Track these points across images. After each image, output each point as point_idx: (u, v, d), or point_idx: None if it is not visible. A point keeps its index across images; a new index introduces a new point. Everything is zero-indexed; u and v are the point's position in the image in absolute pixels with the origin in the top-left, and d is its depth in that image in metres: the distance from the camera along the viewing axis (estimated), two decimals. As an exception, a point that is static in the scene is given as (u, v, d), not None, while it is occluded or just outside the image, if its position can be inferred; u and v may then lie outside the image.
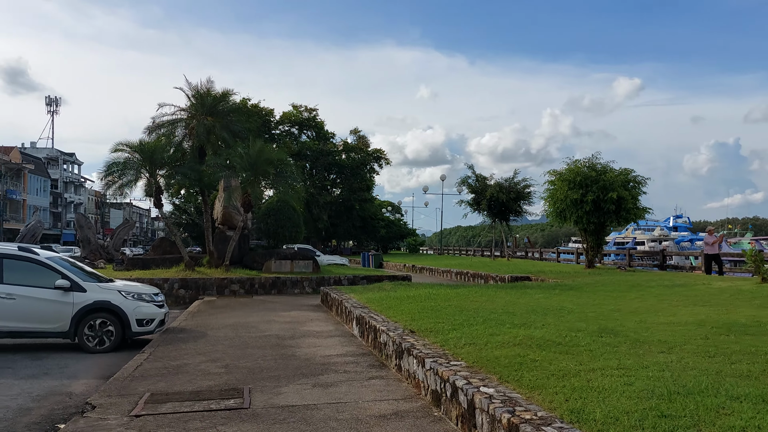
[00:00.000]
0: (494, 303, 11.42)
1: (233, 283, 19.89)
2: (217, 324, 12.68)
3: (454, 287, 15.39)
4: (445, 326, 8.42)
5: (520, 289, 14.73)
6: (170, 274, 20.14)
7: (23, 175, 74.88)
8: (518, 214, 34.84)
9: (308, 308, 15.65)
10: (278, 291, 20.09)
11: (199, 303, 17.35)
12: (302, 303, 17.04)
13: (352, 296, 13.65)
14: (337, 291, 15.40)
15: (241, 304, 17.04)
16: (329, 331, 11.56)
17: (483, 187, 34.31)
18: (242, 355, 9.16)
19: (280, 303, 17.14)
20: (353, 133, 66.83)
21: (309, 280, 20.44)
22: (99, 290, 10.94)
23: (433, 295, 12.80)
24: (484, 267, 28.20)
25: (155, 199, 19.94)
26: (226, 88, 21.31)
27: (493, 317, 9.17)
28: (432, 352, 6.83)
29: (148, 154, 19.24)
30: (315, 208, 58.17)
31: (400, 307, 10.90)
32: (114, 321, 10.81)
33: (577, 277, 20.07)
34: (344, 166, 62.23)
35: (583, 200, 22.33)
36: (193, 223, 26.74)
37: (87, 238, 27.62)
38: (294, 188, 21.54)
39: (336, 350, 9.45)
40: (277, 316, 13.85)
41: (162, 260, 22.50)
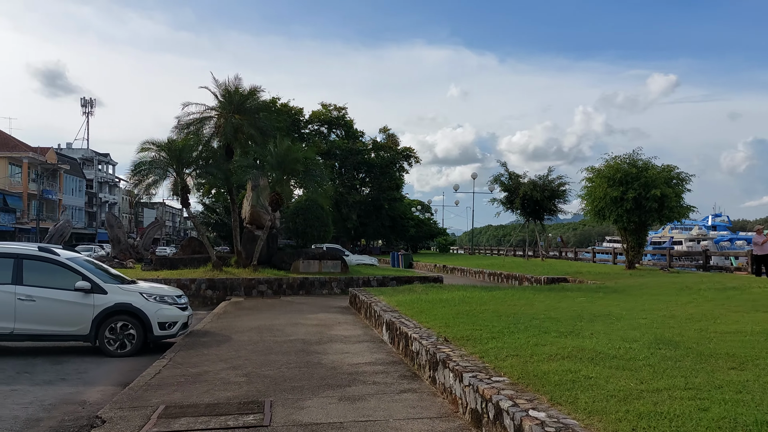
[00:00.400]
0: (534, 307, 10.67)
1: (261, 284, 19.50)
2: (242, 327, 12.22)
3: (488, 289, 14.66)
4: (483, 334, 7.74)
5: (559, 292, 13.92)
6: (197, 275, 19.85)
7: (59, 175, 76.37)
8: (553, 212, 33.79)
9: (336, 310, 15.11)
10: (306, 292, 19.63)
11: (226, 304, 16.98)
12: (330, 305, 16.52)
13: (382, 299, 13.04)
14: (365, 293, 14.82)
15: (268, 305, 16.61)
16: (357, 335, 10.97)
17: (516, 185, 33.36)
18: (265, 361, 8.63)
19: (307, 304, 16.66)
20: (382, 132, 66.26)
21: (337, 281, 19.93)
22: (120, 292, 10.57)
23: (467, 299, 12.10)
24: (517, 267, 27.30)
25: (182, 198, 19.67)
26: (253, 84, 20.99)
27: (535, 324, 8.44)
28: (470, 364, 6.16)
29: (175, 153, 18.97)
30: (344, 208, 57.81)
31: (433, 312, 10.24)
32: (135, 324, 10.43)
33: (619, 278, 19.10)
34: (373, 165, 61.71)
35: (624, 198, 21.31)
36: (221, 222, 26.52)
37: (117, 237, 27.65)
38: (322, 187, 21.06)
39: (364, 357, 8.85)
40: (304, 319, 13.34)
41: (190, 260, 22.27)
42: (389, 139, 65.54)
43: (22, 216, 67.16)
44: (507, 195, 33.79)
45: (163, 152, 19.00)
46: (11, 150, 67.82)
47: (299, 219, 25.64)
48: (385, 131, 66.22)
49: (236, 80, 20.67)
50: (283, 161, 19.28)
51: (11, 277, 10.13)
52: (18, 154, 67.61)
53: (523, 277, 23.24)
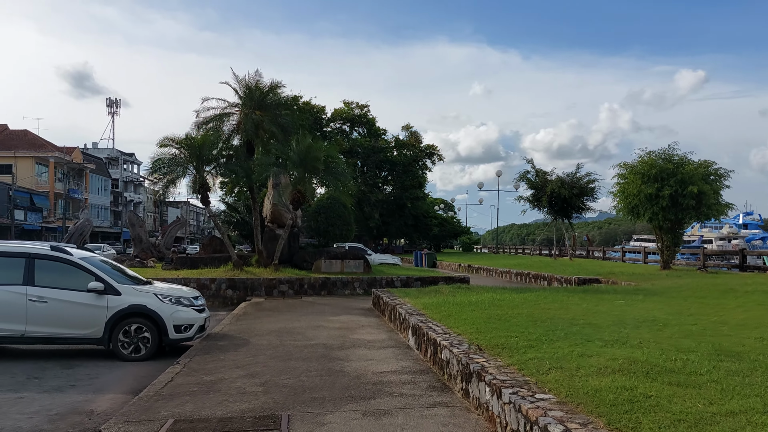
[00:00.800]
0: (570, 311, 9.97)
1: (282, 284, 19.04)
2: (262, 330, 11.73)
3: (518, 291, 13.95)
4: (520, 342, 7.09)
5: (594, 294, 13.16)
6: (218, 274, 19.48)
7: (85, 174, 77.27)
8: (581, 210, 32.78)
9: (359, 312, 14.55)
10: (328, 292, 19.12)
11: (246, 305, 16.55)
12: (353, 306, 15.98)
13: (407, 301, 12.44)
14: (389, 294, 14.23)
15: (288, 306, 16.13)
16: (382, 340, 10.39)
17: (543, 183, 32.43)
18: (285, 368, 8.10)
19: (329, 305, 16.14)
20: (405, 129, 65.53)
21: (360, 281, 19.38)
22: (134, 293, 10.14)
23: (498, 301, 11.43)
24: (545, 267, 26.46)
25: (202, 196, 19.30)
26: (274, 80, 20.51)
27: (575, 330, 7.76)
28: (509, 378, 5.53)
29: (194, 150, 18.59)
30: (366, 206, 57.32)
31: (462, 316, 9.61)
32: (150, 327, 9.99)
33: (654, 279, 18.21)
34: (396, 163, 61.09)
35: (659, 195, 20.38)
36: (243, 221, 26.16)
37: (139, 236, 27.49)
38: (345, 185, 20.51)
39: (390, 365, 8.26)
40: (326, 321, 12.81)
41: (210, 259, 21.93)
42: (412, 136, 64.81)
43: (49, 215, 68.08)
44: (534, 192, 32.87)
45: (182, 149, 18.64)
46: (38, 150, 68.77)
47: (321, 218, 25.17)
48: (407, 129, 65.51)
49: (257, 75, 20.26)
50: (304, 158, 18.79)
51: (22, 278, 9.77)
52: (44, 153, 68.51)
53: (552, 277, 22.43)
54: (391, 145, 62.76)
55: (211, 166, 19.45)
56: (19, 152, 67.10)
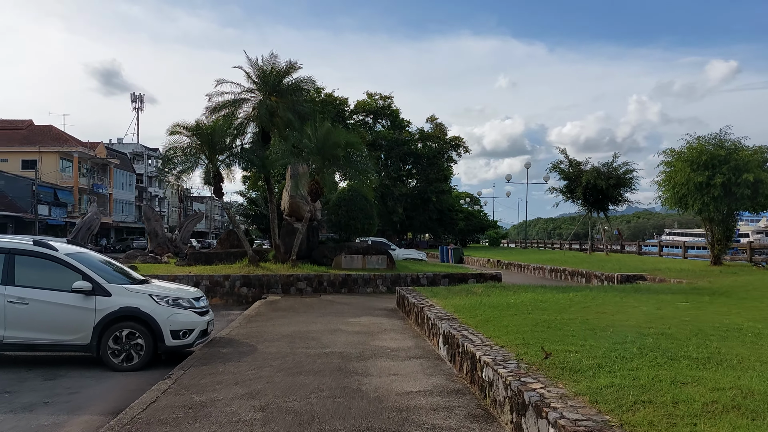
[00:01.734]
0: (630, 316, 8.45)
1: (299, 281, 17.79)
2: (273, 334, 10.45)
3: (560, 291, 12.42)
4: (583, 359, 5.64)
5: (649, 294, 11.58)
6: (232, 271, 18.30)
7: (109, 169, 77.34)
8: (617, 202, 30.91)
9: (382, 313, 13.19)
10: (349, 290, 17.81)
11: (261, 304, 15.33)
12: (375, 305, 14.63)
13: (435, 302, 11.03)
14: (415, 293, 12.83)
15: (306, 305, 14.85)
16: (407, 348, 9.00)
17: (577, 173, 30.65)
18: (292, 386, 6.77)
19: (349, 305, 14.81)
20: (430, 121, 63.88)
21: (383, 278, 18.01)
22: (127, 294, 8.92)
23: (540, 303, 9.95)
24: (582, 263, 24.77)
25: (215, 187, 18.12)
26: (290, 60, 19.12)
27: (649, 344, 6.26)
28: (582, 417, 4.09)
29: (206, 138, 17.40)
30: (390, 200, 55.91)
31: (503, 321, 8.17)
32: (144, 332, 8.77)
33: (709, 276, 16.48)
34: (420, 156, 59.50)
35: (710, 183, 18.58)
36: (261, 214, 24.98)
37: (154, 231, 26.55)
38: (366, 176, 19.06)
39: (418, 383, 6.87)
40: (345, 324, 11.48)
41: (226, 254, 20.80)
42: (437, 128, 63.14)
43: (73, 210, 68.18)
44: (567, 184, 31.11)
45: (194, 137, 17.45)
46: (62, 145, 68.83)
47: (342, 211, 23.85)
48: (432, 120, 63.86)
49: (271, 58, 18.91)
50: (322, 146, 17.46)
51: (0, 276, 8.62)
52: (68, 148, 68.53)
53: (591, 274, 20.77)
54: (416, 137, 61.15)
55: (224, 155, 18.24)
56: (44, 147, 67.27)
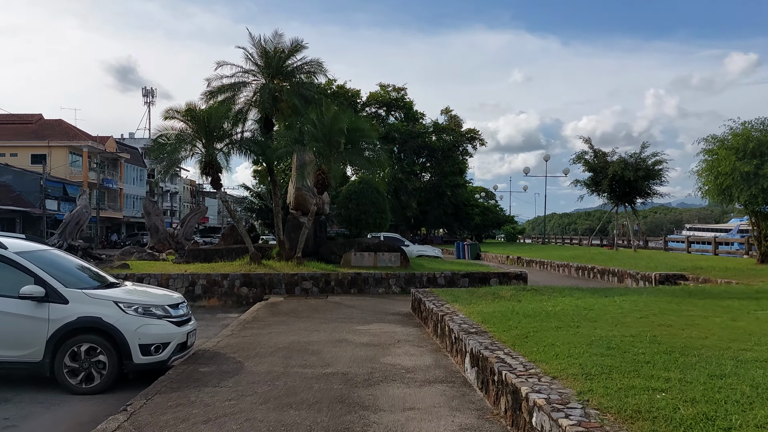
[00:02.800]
0: (703, 330, 6.77)
1: (305, 280, 16.24)
2: (267, 345, 8.90)
3: (603, 294, 10.72)
4: (679, 404, 3.98)
5: (705, 298, 9.85)
6: (232, 269, 16.79)
7: (119, 164, 76.51)
8: (646, 195, 29.01)
9: (395, 319, 11.59)
10: (358, 290, 16.23)
11: (260, 306, 13.81)
12: (387, 309, 13.03)
13: (458, 308, 9.40)
14: (433, 296, 11.21)
15: (310, 308, 13.30)
16: (426, 367, 7.39)
17: (603, 164, 28.77)
18: (276, 425, 5.20)
19: (358, 308, 13.23)
20: (444, 113, 62.03)
21: (396, 277, 16.40)
22: (87, 301, 7.40)
23: (585, 311, 8.29)
24: (610, 260, 22.97)
25: (212, 178, 16.60)
26: (296, 38, 17.43)
27: (763, 380, 4.58)
28: None
29: (202, 124, 15.86)
30: (403, 195, 54.26)
31: (546, 338, 6.53)
32: (107, 347, 7.26)
33: (761, 276, 14.69)
34: (435, 149, 57.72)
35: (758, 173, 16.73)
36: (267, 209, 23.42)
37: (155, 226, 25.17)
38: (376, 165, 17.29)
39: (442, 421, 5.27)
40: (352, 333, 9.90)
41: (227, 251, 19.30)
42: (451, 120, 61.30)
43: (83, 205, 67.33)
44: (592, 176, 29.24)
45: (189, 122, 15.92)
46: (72, 139, 67.97)
47: (352, 204, 22.20)
48: (447, 112, 62.03)
49: (275, 37, 17.30)
50: (329, 132, 15.86)
51: (-67, 279, 7.16)
52: (78, 143, 67.65)
53: (624, 273, 19.00)
54: (430, 129, 59.36)
55: (222, 143, 16.70)
56: (53, 142, 66.52)
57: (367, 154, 16.72)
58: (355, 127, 16.28)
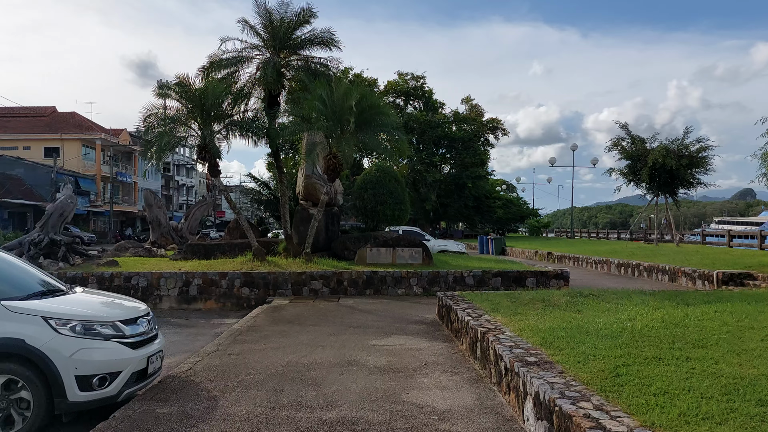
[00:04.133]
0: None
1: (314, 280, 14.26)
2: (256, 370, 6.93)
3: (686, 301, 8.50)
4: None
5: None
6: (232, 266, 14.89)
7: (133, 157, 75.37)
8: (689, 185, 26.55)
9: (418, 329, 9.55)
10: (375, 291, 14.22)
11: (261, 311, 11.87)
12: (408, 315, 11.00)
13: (501, 321, 7.31)
14: (466, 303, 9.13)
15: (318, 313, 11.32)
16: (467, 411, 5.33)
17: (642, 152, 26.35)
18: None
19: (375, 314, 11.22)
20: (465, 102, 59.61)
21: (417, 276, 14.35)
22: (6, 317, 5.46)
23: (682, 329, 6.13)
24: (654, 256, 20.65)
25: (209, 163, 14.69)
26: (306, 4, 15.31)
27: None
28: None
29: (197, 101, 13.93)
30: (422, 187, 52.07)
31: (650, 380, 4.41)
32: (31, 380, 5.34)
33: None
34: (455, 139, 55.37)
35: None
36: (275, 199, 21.46)
37: (157, 219, 23.41)
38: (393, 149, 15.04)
39: None
40: (366, 350, 7.89)
41: (229, 246, 17.44)
42: (473, 110, 58.87)
43: (96, 199, 66.34)
44: (630, 164, 26.83)
45: (183, 100, 13.99)
46: (85, 132, 66.85)
47: (368, 194, 20.18)
48: (467, 101, 59.60)
49: (282, 6, 15.27)
50: (340, 110, 13.82)
51: None
52: (91, 135, 66.52)
53: (677, 270, 16.72)
54: (450, 119, 57.02)
55: (221, 124, 14.74)
56: (66, 134, 65.48)
57: (383, 137, 14.55)
58: (370, 104, 14.19)
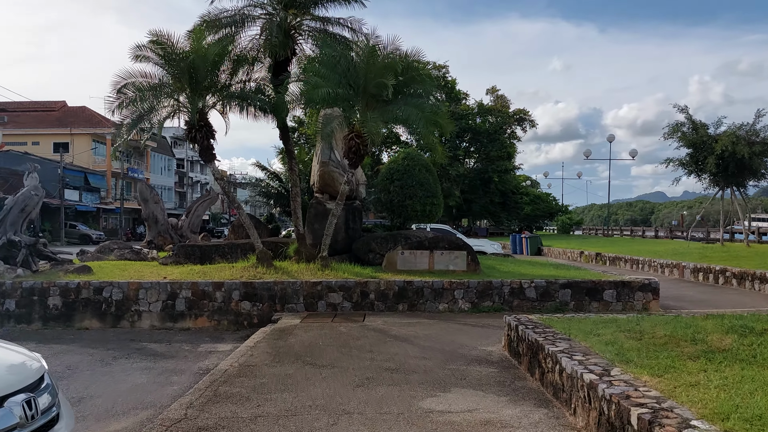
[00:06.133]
0: None
1: (332, 291, 11.28)
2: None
3: None
4: None
5: None
6: (230, 274, 11.95)
7: (146, 153, 73.19)
8: (761, 176, 23.15)
9: (486, 375, 6.51)
10: (409, 305, 11.20)
11: (261, 338, 8.92)
12: (463, 348, 7.96)
13: (653, 385, 4.24)
14: (561, 339, 6.07)
15: (338, 344, 8.34)
16: None
17: (706, 139, 22.98)
18: None
19: (416, 345, 8.20)
20: (490, 93, 56.30)
21: (464, 288, 11.28)
22: None
23: None
24: (733, 259, 17.35)
25: (201, 146, 11.79)
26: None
27: None
28: None
29: (184, 67, 11.01)
30: (445, 182, 48.74)
31: None
32: None
33: None
34: (479, 131, 52.12)
35: None
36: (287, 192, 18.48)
37: (153, 215, 20.63)
38: (436, 123, 11.83)
39: None
40: (418, 427, 4.88)
41: (230, 248, 14.54)
42: (498, 100, 55.54)
43: (107, 196, 64.24)
44: (691, 153, 23.48)
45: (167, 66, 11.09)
46: (95, 126, 64.70)
47: (394, 186, 17.13)
48: (493, 92, 56.28)
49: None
50: (365, 78, 10.82)
51: None
52: (101, 130, 64.33)
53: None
54: (474, 110, 53.71)
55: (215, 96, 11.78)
56: (75, 129, 63.39)
57: (420, 109, 11.35)
58: (407, 65, 11.06)
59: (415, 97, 11.63)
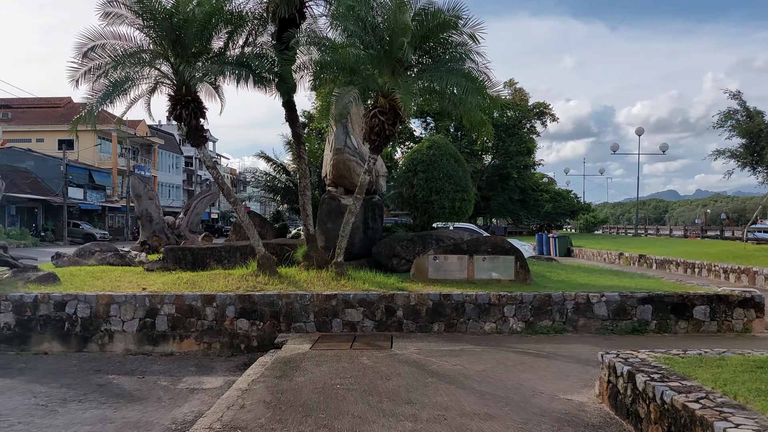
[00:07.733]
0: None
1: (350, 307, 9.03)
2: None
3: None
4: None
5: None
6: (225, 284, 9.72)
7: (153, 150, 71.45)
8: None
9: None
10: (447, 325, 8.93)
11: (259, 374, 6.70)
12: (537, 395, 5.70)
13: None
14: (727, 409, 3.77)
15: (361, 387, 6.10)
16: None
17: (764, 128, 20.54)
18: None
19: (470, 391, 5.93)
20: (508, 86, 53.81)
21: (515, 303, 8.99)
22: None
23: None
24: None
25: (189, 126, 9.59)
26: None
27: None
28: None
29: (166, 28, 8.81)
30: (462, 178, 46.50)
31: None
32: None
33: None
34: (497, 126, 49.56)
35: None
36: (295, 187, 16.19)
37: (147, 213, 18.53)
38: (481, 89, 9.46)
39: None
40: None
41: (228, 251, 12.35)
42: (517, 94, 53.05)
43: (113, 194, 62.48)
44: (746, 143, 21.03)
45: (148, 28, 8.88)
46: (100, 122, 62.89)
47: (418, 179, 14.81)
48: (511, 85, 53.76)
49: None
50: (391, 38, 8.57)
51: None
52: (107, 126, 62.54)
53: None
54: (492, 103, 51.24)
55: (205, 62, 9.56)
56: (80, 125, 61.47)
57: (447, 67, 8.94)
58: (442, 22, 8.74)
59: (453, 62, 9.30)
